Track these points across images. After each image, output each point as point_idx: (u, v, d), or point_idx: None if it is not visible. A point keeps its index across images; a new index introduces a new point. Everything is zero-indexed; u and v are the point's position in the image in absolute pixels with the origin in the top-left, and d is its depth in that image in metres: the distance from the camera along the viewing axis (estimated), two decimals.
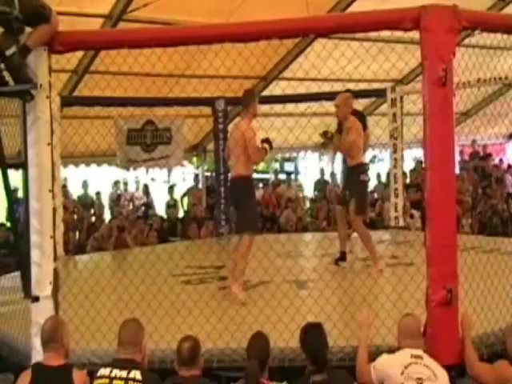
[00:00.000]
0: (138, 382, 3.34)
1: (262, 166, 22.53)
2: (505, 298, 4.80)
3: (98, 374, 3.43)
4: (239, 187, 5.82)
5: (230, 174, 6.15)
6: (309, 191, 14.64)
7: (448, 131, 4.04)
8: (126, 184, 13.40)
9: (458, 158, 13.75)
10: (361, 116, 7.54)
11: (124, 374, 3.36)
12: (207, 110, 10.80)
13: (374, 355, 3.78)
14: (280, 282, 5.67)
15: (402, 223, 9.68)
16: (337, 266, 6.75)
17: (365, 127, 7.28)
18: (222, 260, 7.34)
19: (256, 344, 3.62)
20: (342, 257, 6.89)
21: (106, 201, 12.63)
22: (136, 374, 3.36)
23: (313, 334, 3.71)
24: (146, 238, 10.16)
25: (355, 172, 6.85)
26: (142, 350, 3.55)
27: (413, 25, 4.03)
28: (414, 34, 4.09)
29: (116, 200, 12.52)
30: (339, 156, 8.79)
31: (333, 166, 8.63)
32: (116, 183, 13.20)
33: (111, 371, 3.39)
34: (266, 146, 5.89)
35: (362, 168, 6.92)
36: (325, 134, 6.88)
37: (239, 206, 5.88)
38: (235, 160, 5.71)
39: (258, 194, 13.38)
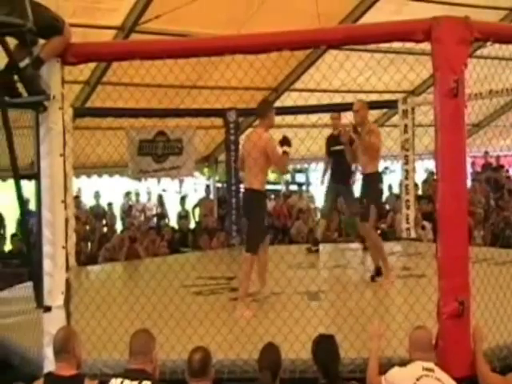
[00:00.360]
0: None
1: (273, 177, 22.66)
2: None
3: None
4: (250, 201, 5.80)
5: (243, 185, 6.11)
6: (320, 202, 14.61)
7: (460, 142, 4.03)
8: (137, 195, 13.46)
9: (469, 169, 13.71)
10: None
11: None
12: (218, 121, 10.85)
13: (385, 367, 3.76)
14: (291, 294, 5.66)
15: (413, 235, 9.64)
16: (374, 282, 6.52)
17: None
18: (233, 271, 7.34)
19: (267, 355, 3.62)
20: (378, 272, 6.64)
21: (117, 211, 12.69)
22: None
23: (325, 346, 3.71)
24: (157, 249, 10.18)
25: (373, 180, 6.70)
26: (152, 360, 3.55)
27: (424, 36, 4.03)
28: (426, 46, 4.10)
29: (128, 211, 12.57)
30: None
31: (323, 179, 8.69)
32: (127, 194, 13.26)
33: (122, 381, 3.39)
34: (286, 148, 5.80)
35: (379, 176, 6.86)
36: (355, 128, 6.70)
37: (248, 219, 5.88)
38: (251, 171, 5.67)
39: (270, 205, 13.39)
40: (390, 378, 3.64)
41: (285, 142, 5.83)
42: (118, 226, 11.80)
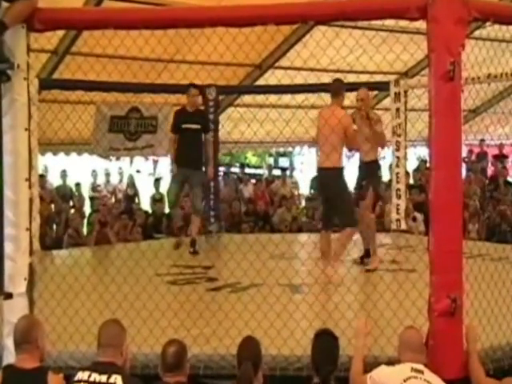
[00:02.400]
0: None
1: (254, 160, 22.67)
2: None
3: (76, 379, 3.42)
4: (334, 179, 5.81)
5: (318, 163, 6.26)
6: (305, 189, 14.67)
7: (455, 129, 4.04)
8: (108, 175, 13.39)
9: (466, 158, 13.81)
10: None
11: (104, 378, 3.35)
12: None
13: (371, 366, 3.79)
14: (272, 286, 5.67)
15: (403, 226, 9.71)
16: (362, 264, 7.02)
17: None
18: (210, 260, 7.36)
19: (248, 347, 3.63)
20: (367, 254, 7.15)
21: (86, 193, 12.63)
22: (117, 379, 3.35)
23: (322, 344, 3.73)
24: (129, 234, 10.16)
25: (374, 167, 7.15)
26: (123, 353, 3.54)
27: (419, 14, 4.02)
28: (421, 24, 4.09)
29: (96, 192, 12.51)
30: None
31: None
32: (93, 172, 13.20)
33: (90, 375, 3.38)
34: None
35: (379, 164, 7.28)
36: (367, 116, 6.86)
37: (334, 199, 5.91)
38: (329, 148, 5.68)
39: (250, 190, 13.41)
40: (376, 377, 3.66)
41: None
42: (87, 208, 11.74)
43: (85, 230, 10.63)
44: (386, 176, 13.59)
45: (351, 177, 7.31)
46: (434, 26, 3.98)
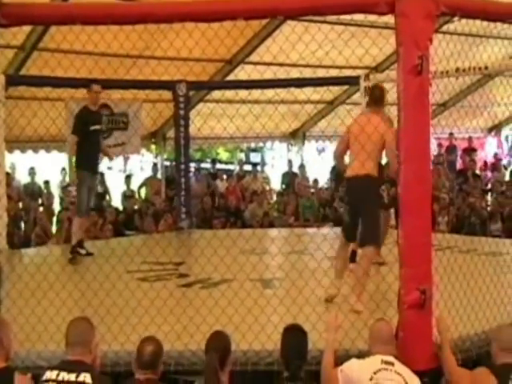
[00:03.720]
0: None
1: (225, 156, 22.65)
2: (481, 301, 4.88)
3: (44, 378, 3.38)
4: (366, 188, 5.41)
5: (350, 171, 5.56)
6: (276, 184, 14.69)
7: (424, 122, 4.07)
8: None
9: (435, 151, 13.95)
10: None
11: (72, 377, 3.32)
12: (167, 95, 10.74)
13: (342, 359, 3.81)
14: (243, 281, 5.68)
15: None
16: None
17: None
18: (181, 256, 7.34)
19: (215, 339, 3.64)
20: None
21: (55, 190, 12.50)
22: (86, 378, 3.32)
23: (292, 339, 3.74)
24: (99, 231, 10.08)
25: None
26: (91, 351, 3.51)
27: (388, 9, 4.03)
28: (390, 19, 4.11)
29: (65, 189, 12.38)
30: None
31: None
32: (63, 169, 13.07)
33: (58, 374, 3.35)
34: None
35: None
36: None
37: (363, 211, 5.44)
38: (365, 156, 5.23)
39: (222, 185, 13.39)
40: (346, 370, 3.68)
41: None
42: (56, 206, 11.62)
43: (54, 228, 10.54)
44: None
45: None
46: (402, 20, 4.00)
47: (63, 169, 13.17)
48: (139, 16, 4.42)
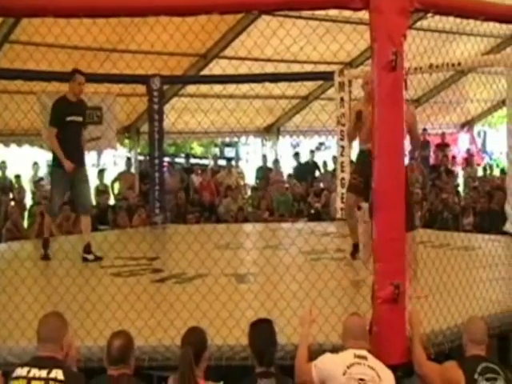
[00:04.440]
0: (59, 383, 3.27)
1: (200, 151, 22.59)
2: (454, 296, 4.93)
3: (14, 375, 3.34)
4: None
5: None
6: (250, 179, 14.70)
7: (397, 118, 4.08)
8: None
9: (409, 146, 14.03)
10: None
11: (44, 373, 3.29)
12: (141, 89, 10.68)
13: (316, 354, 3.82)
14: (218, 276, 5.68)
15: (345, 211, 9.77)
16: (354, 259, 6.43)
17: None
18: (155, 251, 7.31)
19: (191, 334, 3.63)
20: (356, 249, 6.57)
21: (27, 185, 12.39)
22: (58, 374, 3.29)
23: (262, 331, 3.74)
24: (72, 226, 9.99)
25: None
26: (63, 347, 3.47)
27: (362, 4, 4.04)
28: (364, 14, 4.12)
29: (37, 183, 12.28)
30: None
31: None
32: (35, 164, 12.96)
33: (29, 371, 3.31)
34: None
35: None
36: (358, 114, 6.44)
37: None
38: None
39: (196, 180, 13.37)
40: (320, 364, 3.70)
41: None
42: (28, 201, 11.52)
43: (26, 223, 10.44)
44: (330, 165, 13.79)
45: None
46: (376, 16, 4.01)
47: (35, 163, 13.07)
48: (113, 9, 4.36)
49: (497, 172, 14.98)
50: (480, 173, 15.02)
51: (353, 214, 6.62)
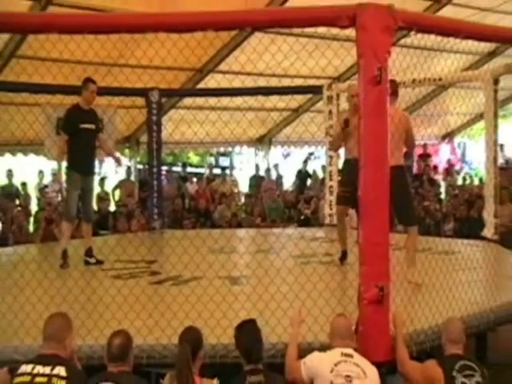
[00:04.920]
0: (62, 379, 3.26)
1: (196, 160, 22.57)
2: (435, 297, 4.94)
3: (19, 371, 3.34)
4: (399, 177, 5.48)
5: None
6: (244, 187, 14.71)
7: (382, 129, 4.10)
8: (54, 174, 13.13)
9: None
10: None
11: (47, 370, 3.28)
12: (140, 101, 10.69)
13: (305, 352, 3.83)
14: (212, 278, 5.67)
15: (336, 221, 9.79)
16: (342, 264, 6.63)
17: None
18: (153, 255, 7.30)
19: (188, 332, 3.64)
20: (344, 256, 6.77)
21: (32, 192, 12.36)
22: (61, 370, 3.28)
23: (247, 331, 3.74)
24: (74, 231, 9.96)
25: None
26: (66, 346, 3.45)
27: (349, 22, 4.06)
28: (351, 32, 4.15)
29: (43, 190, 12.26)
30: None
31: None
32: (40, 172, 12.93)
33: (34, 367, 3.31)
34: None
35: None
36: (346, 122, 6.46)
37: (398, 197, 5.33)
38: (393, 147, 5.19)
39: (192, 188, 13.36)
40: (309, 362, 3.71)
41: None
42: (33, 207, 11.49)
43: (32, 228, 10.42)
44: (320, 174, 13.80)
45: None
46: (362, 33, 4.04)
47: (40, 171, 13.04)
48: (114, 26, 4.38)
49: (476, 181, 15.03)
50: (460, 182, 15.07)
51: (344, 223, 6.80)
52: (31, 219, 10.78)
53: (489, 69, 9.19)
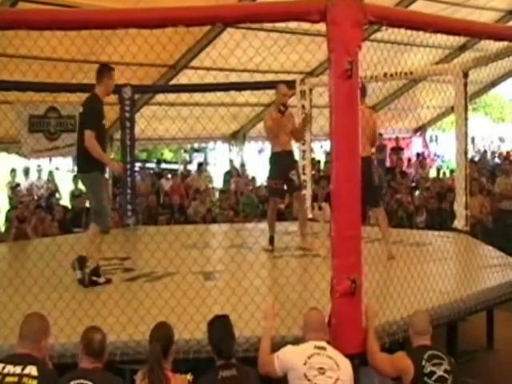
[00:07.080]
0: (33, 378, 3.21)
1: (170, 156, 22.48)
2: (406, 288, 4.98)
3: None
4: (365, 166, 5.25)
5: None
6: (218, 182, 14.69)
7: (353, 124, 4.11)
8: (26, 173, 13.00)
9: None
10: None
11: (18, 369, 3.23)
12: (113, 98, 10.57)
13: (279, 346, 3.83)
14: (185, 274, 5.65)
15: (309, 215, 9.83)
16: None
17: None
18: (126, 251, 7.25)
19: (158, 329, 3.64)
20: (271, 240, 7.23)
21: (3, 190, 12.23)
22: (32, 370, 3.24)
23: (219, 326, 3.73)
24: (47, 229, 9.87)
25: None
26: (41, 348, 3.40)
27: (320, 17, 4.06)
28: (321, 27, 4.14)
29: (15, 189, 12.12)
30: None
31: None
32: (13, 171, 12.79)
33: (4, 367, 3.25)
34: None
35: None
36: (284, 105, 7.11)
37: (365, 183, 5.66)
38: (364, 141, 5.60)
39: (166, 184, 13.30)
40: (282, 355, 3.72)
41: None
42: (5, 205, 11.35)
43: (3, 228, 10.29)
44: None
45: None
46: (333, 28, 4.04)
47: (13, 170, 12.88)
48: (83, 22, 4.32)
49: (448, 173, 15.18)
50: (433, 174, 15.21)
51: (274, 213, 7.40)
52: (2, 218, 10.66)
53: (458, 62, 9.26)
